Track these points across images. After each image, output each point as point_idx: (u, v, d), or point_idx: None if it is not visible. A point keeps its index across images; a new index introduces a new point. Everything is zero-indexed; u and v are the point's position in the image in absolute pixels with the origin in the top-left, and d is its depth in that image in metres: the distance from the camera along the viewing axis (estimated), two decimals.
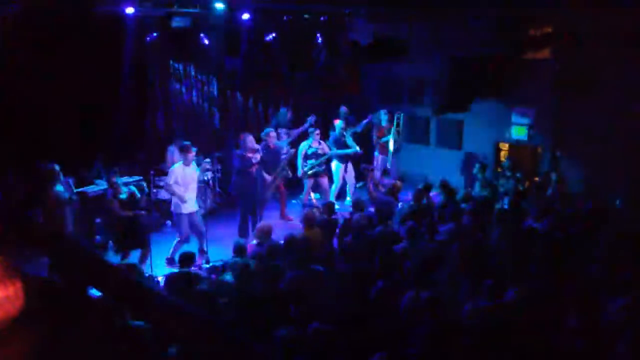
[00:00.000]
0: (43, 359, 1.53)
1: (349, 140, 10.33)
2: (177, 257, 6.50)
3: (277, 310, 4.93)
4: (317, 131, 10.14)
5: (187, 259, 6.05)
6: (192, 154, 8.05)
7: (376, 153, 11.20)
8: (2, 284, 1.51)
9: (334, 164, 10.46)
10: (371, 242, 6.51)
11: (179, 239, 8.09)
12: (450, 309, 4.80)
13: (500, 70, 9.98)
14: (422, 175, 11.06)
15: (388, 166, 11.09)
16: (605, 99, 9.02)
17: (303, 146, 10.08)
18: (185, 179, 7.91)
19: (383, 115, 11.14)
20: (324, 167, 10.23)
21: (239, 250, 6.31)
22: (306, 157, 10.03)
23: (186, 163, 7.98)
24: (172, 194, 7.98)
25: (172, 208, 8.11)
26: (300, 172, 10.17)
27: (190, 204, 8.00)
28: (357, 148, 10.37)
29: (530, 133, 10.44)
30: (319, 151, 10.10)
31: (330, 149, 10.26)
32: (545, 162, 10.20)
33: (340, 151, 10.26)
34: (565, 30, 9.53)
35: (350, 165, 10.59)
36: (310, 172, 10.05)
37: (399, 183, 8.83)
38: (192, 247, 7.96)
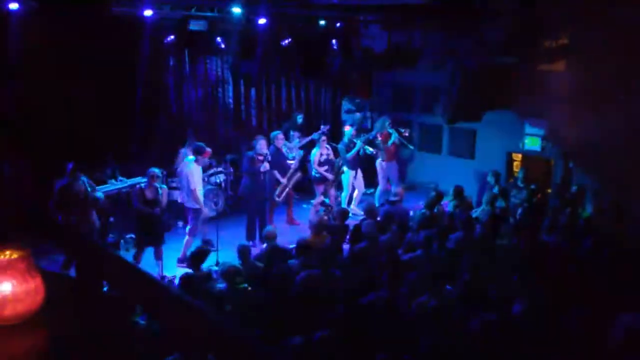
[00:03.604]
0: (59, 352, 1.56)
1: (359, 145, 10.39)
2: (189, 254, 6.61)
3: (287, 314, 4.95)
4: (324, 138, 10.19)
5: (201, 255, 6.08)
6: (207, 155, 8.30)
7: (378, 160, 10.99)
8: (24, 279, 1.55)
9: (344, 171, 10.48)
10: (379, 249, 6.52)
11: (188, 237, 8.25)
12: (454, 318, 4.79)
13: (513, 81, 9.95)
14: (433, 184, 11.05)
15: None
16: (619, 112, 8.96)
17: (314, 153, 10.12)
18: (200, 178, 8.27)
19: (386, 122, 11.05)
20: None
21: (243, 254, 6.33)
22: (320, 164, 10.07)
23: (199, 163, 8.20)
24: (196, 197, 8.12)
25: (189, 205, 8.25)
26: (312, 176, 10.24)
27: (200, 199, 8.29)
28: (370, 149, 10.47)
29: (543, 144, 10.40)
30: (330, 157, 10.16)
31: (339, 155, 10.29)
32: (557, 174, 10.16)
33: (350, 154, 10.29)
34: (580, 43, 9.50)
35: (359, 172, 10.61)
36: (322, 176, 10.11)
37: (400, 190, 8.84)
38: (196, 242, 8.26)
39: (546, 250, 6.42)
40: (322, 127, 10.51)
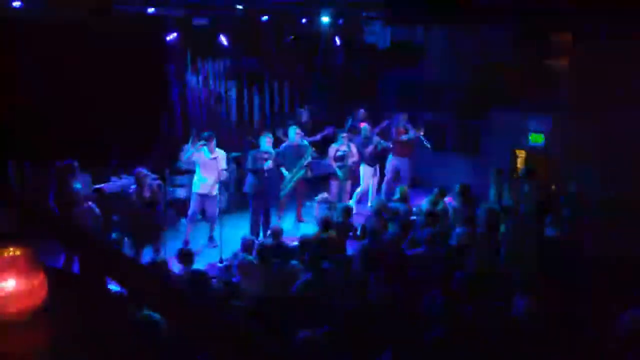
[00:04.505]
0: (63, 348, 1.57)
1: (375, 140, 10.37)
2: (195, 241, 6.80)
3: (289, 312, 4.95)
4: (345, 134, 10.16)
5: (185, 256, 6.04)
6: (213, 143, 8.56)
7: (390, 156, 11.00)
8: (28, 276, 1.56)
9: (361, 167, 10.45)
10: (383, 246, 6.52)
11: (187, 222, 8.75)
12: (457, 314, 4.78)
13: (518, 77, 9.94)
14: (437, 181, 11.02)
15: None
16: (623, 108, 8.94)
17: (333, 146, 10.11)
18: (205, 164, 8.52)
19: (401, 119, 11.03)
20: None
21: (247, 247, 6.34)
22: (336, 159, 10.03)
23: (209, 150, 8.48)
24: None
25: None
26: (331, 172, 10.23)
27: (205, 187, 8.57)
28: (385, 142, 10.45)
29: (547, 140, 10.37)
30: (347, 154, 10.11)
31: (358, 152, 10.24)
32: (561, 170, 10.13)
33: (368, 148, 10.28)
34: (584, 39, 9.47)
35: (378, 169, 10.58)
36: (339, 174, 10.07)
37: (405, 188, 8.82)
38: (202, 236, 8.77)
39: (548, 246, 6.41)
40: (326, 128, 10.54)
